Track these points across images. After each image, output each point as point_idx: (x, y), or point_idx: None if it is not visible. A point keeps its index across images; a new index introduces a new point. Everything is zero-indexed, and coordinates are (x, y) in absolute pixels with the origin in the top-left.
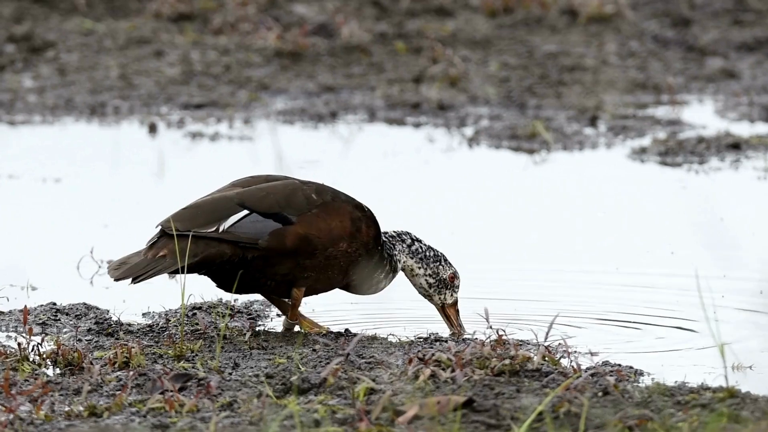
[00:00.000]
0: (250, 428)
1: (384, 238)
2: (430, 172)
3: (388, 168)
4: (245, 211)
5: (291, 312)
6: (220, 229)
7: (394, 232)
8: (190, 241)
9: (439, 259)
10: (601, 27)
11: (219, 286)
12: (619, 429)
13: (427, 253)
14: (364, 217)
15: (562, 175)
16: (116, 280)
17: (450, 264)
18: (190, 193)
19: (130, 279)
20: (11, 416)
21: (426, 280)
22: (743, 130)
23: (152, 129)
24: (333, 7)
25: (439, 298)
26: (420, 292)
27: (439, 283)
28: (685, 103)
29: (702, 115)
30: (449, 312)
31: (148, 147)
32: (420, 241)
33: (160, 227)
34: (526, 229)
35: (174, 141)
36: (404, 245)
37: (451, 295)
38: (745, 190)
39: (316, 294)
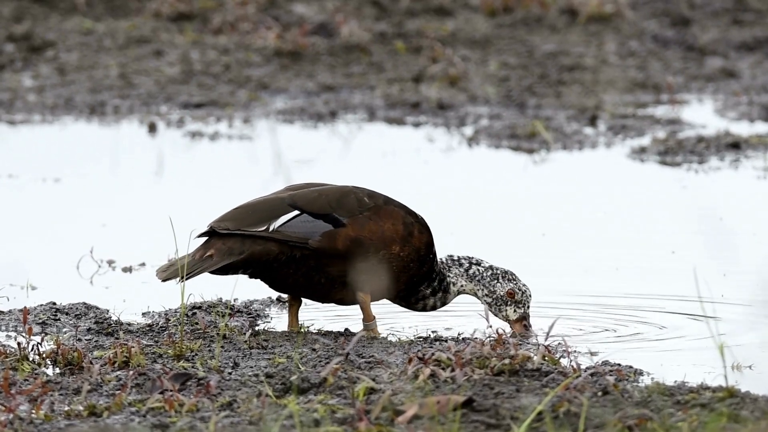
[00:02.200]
0: (249, 428)
1: (441, 258)
2: (430, 171)
3: (388, 167)
4: (296, 212)
5: (365, 314)
6: (270, 229)
7: (457, 256)
8: (238, 239)
9: (497, 276)
10: (600, 26)
11: (272, 287)
12: (619, 429)
13: (485, 274)
14: (416, 222)
15: (561, 175)
16: (163, 280)
17: (511, 280)
18: (190, 192)
19: (178, 279)
20: (11, 416)
21: (485, 299)
22: (743, 129)
23: (152, 128)
24: (333, 6)
25: (502, 315)
26: (494, 314)
27: (498, 301)
28: (685, 102)
29: (702, 115)
30: (515, 328)
31: (148, 146)
32: (479, 264)
33: (210, 227)
34: (526, 229)
35: (173, 140)
36: (461, 269)
37: (514, 311)
38: (745, 189)
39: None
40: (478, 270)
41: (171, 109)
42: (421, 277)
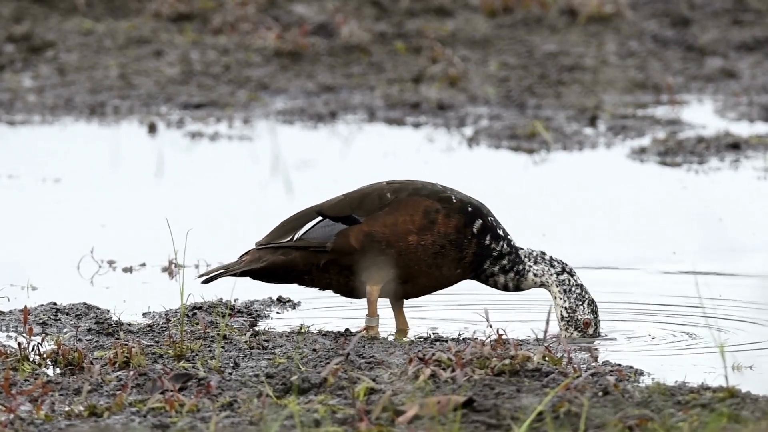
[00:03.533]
0: (250, 428)
1: (526, 248)
2: (430, 172)
3: (388, 168)
4: (319, 218)
5: (369, 308)
6: (294, 238)
7: (549, 256)
8: (270, 249)
9: (584, 299)
10: (600, 27)
11: (336, 293)
12: (620, 429)
13: (573, 289)
14: (444, 208)
15: (561, 175)
16: (200, 276)
17: (594, 312)
18: (189, 192)
19: (208, 276)
20: (11, 416)
21: (561, 312)
22: (743, 129)
23: (152, 129)
24: (333, 6)
25: (566, 333)
26: (558, 322)
27: (572, 320)
28: (685, 102)
29: (701, 115)
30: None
31: (148, 147)
32: (572, 275)
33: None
34: (526, 229)
35: (173, 141)
36: (552, 270)
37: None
38: (745, 190)
39: (425, 293)
40: (569, 280)
41: (171, 109)
42: (475, 257)
